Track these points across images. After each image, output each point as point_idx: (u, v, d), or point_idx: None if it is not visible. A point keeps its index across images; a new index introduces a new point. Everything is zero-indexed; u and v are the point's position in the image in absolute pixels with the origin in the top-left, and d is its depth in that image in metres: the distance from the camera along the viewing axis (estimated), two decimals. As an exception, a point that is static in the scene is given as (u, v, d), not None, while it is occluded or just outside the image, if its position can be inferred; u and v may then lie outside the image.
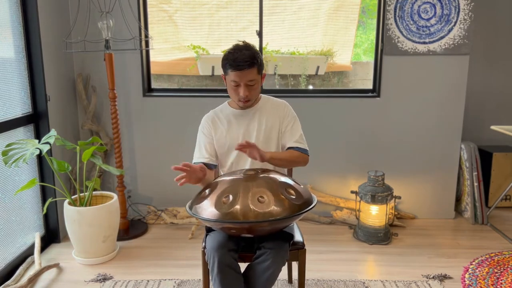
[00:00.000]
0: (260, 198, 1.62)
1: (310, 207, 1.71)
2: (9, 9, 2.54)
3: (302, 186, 1.80)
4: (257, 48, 1.93)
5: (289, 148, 2.02)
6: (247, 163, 2.01)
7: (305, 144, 2.05)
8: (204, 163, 1.95)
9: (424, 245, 2.94)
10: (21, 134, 2.67)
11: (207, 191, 1.73)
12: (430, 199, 3.36)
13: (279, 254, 1.75)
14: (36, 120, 2.77)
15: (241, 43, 1.93)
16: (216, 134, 2.04)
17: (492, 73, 3.63)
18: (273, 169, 1.98)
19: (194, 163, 2.00)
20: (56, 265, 2.62)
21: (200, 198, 1.73)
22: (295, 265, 2.15)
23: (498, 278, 2.49)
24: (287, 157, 1.98)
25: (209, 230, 1.91)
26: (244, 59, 1.85)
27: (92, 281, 2.47)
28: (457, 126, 3.25)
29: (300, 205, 1.68)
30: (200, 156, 2.02)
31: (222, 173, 2.12)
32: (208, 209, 1.65)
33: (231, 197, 1.64)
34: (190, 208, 1.75)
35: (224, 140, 2.03)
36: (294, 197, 1.69)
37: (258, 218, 1.59)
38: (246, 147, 1.81)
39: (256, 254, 1.77)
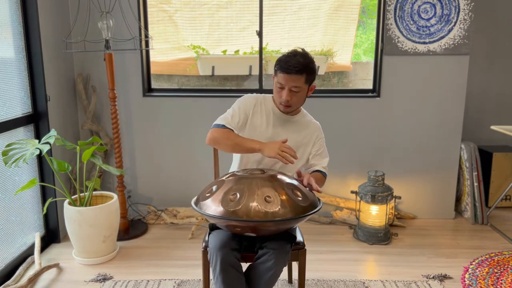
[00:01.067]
0: (267, 198, 1.62)
1: (316, 209, 1.71)
2: (9, 9, 2.54)
3: (307, 188, 1.81)
4: (313, 59, 1.94)
5: (316, 171, 2.08)
6: (264, 158, 2.01)
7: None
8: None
9: (424, 245, 2.94)
10: (21, 134, 2.67)
11: (213, 188, 1.74)
12: (430, 199, 3.36)
13: (281, 254, 1.75)
14: (36, 120, 2.77)
15: (300, 50, 1.94)
16: (253, 119, 2.02)
17: (492, 73, 3.63)
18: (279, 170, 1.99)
19: (222, 125, 1.96)
20: (56, 265, 2.62)
21: (206, 195, 1.73)
22: (295, 265, 2.15)
23: (498, 278, 2.49)
24: (318, 181, 2.02)
25: (212, 228, 1.92)
26: (295, 64, 1.86)
27: (92, 281, 2.47)
28: (457, 126, 3.25)
29: (306, 207, 1.68)
30: (231, 123, 1.97)
31: (233, 159, 2.14)
32: (214, 206, 1.65)
33: (238, 195, 1.64)
34: (196, 204, 1.75)
35: (254, 130, 2.02)
36: (300, 198, 1.69)
37: (264, 218, 1.59)
38: (304, 179, 1.83)
39: (258, 254, 1.78)
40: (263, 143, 1.88)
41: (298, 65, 1.87)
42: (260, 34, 3.22)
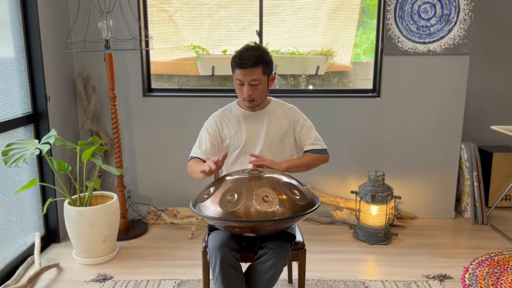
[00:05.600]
0: (265, 198, 1.62)
1: (314, 208, 1.71)
2: (9, 9, 2.54)
3: (305, 187, 1.81)
4: (267, 50, 1.96)
5: (306, 151, 2.07)
6: (247, 161, 2.03)
7: (322, 143, 2.09)
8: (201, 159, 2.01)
9: (424, 245, 2.94)
10: (21, 134, 2.67)
11: (211, 189, 1.74)
12: (430, 199, 3.36)
13: (281, 254, 1.75)
14: (36, 120, 2.77)
15: (252, 44, 1.95)
16: (223, 133, 2.06)
17: (492, 73, 3.63)
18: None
19: (192, 157, 2.05)
20: (56, 265, 2.62)
21: (204, 196, 1.73)
22: (295, 265, 2.15)
23: (498, 278, 2.49)
24: (304, 162, 2.03)
25: (211, 229, 1.92)
26: (249, 57, 1.88)
27: (92, 281, 2.47)
28: (457, 126, 3.25)
29: (304, 205, 1.68)
30: (199, 152, 2.04)
31: (223, 169, 2.14)
32: (212, 207, 1.65)
33: (236, 195, 1.64)
34: (194, 206, 1.75)
35: (230, 140, 2.05)
36: (298, 197, 1.69)
37: (263, 218, 1.59)
38: (259, 166, 1.87)
39: (258, 254, 1.78)
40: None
41: (252, 57, 1.88)
42: (260, 34, 3.21)
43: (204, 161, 1.99)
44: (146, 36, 3.08)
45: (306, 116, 2.12)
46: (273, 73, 2.02)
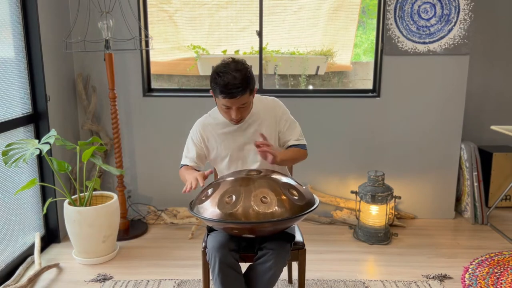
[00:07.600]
0: (263, 199, 1.62)
1: (313, 208, 1.71)
2: (9, 9, 2.54)
3: (304, 187, 1.81)
4: (246, 65, 1.83)
5: (290, 146, 2.01)
6: (239, 168, 2.00)
7: (304, 139, 2.05)
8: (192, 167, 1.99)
9: (424, 245, 2.94)
10: (21, 134, 2.67)
11: (209, 191, 1.73)
12: (430, 199, 3.36)
13: (281, 254, 1.75)
14: (36, 120, 2.77)
15: (229, 60, 1.80)
16: (209, 143, 2.01)
17: (492, 73, 3.63)
18: (274, 169, 1.97)
19: (183, 164, 2.02)
20: (56, 265, 2.62)
21: (202, 198, 1.73)
22: (295, 265, 2.15)
23: (498, 278, 2.49)
24: (292, 156, 1.98)
25: (210, 230, 1.91)
26: (235, 85, 1.73)
27: (92, 281, 2.47)
28: (457, 126, 3.25)
29: (303, 206, 1.68)
30: (189, 160, 2.01)
31: (218, 175, 2.13)
32: (210, 209, 1.65)
33: (234, 197, 1.64)
34: (192, 208, 1.75)
35: (217, 150, 2.01)
36: (297, 198, 1.69)
37: (261, 219, 1.59)
38: (263, 146, 1.78)
39: (258, 255, 1.78)
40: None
41: (239, 84, 1.73)
42: (260, 34, 3.21)
43: (194, 169, 1.97)
44: (146, 36, 3.08)
45: (287, 110, 2.04)
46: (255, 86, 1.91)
